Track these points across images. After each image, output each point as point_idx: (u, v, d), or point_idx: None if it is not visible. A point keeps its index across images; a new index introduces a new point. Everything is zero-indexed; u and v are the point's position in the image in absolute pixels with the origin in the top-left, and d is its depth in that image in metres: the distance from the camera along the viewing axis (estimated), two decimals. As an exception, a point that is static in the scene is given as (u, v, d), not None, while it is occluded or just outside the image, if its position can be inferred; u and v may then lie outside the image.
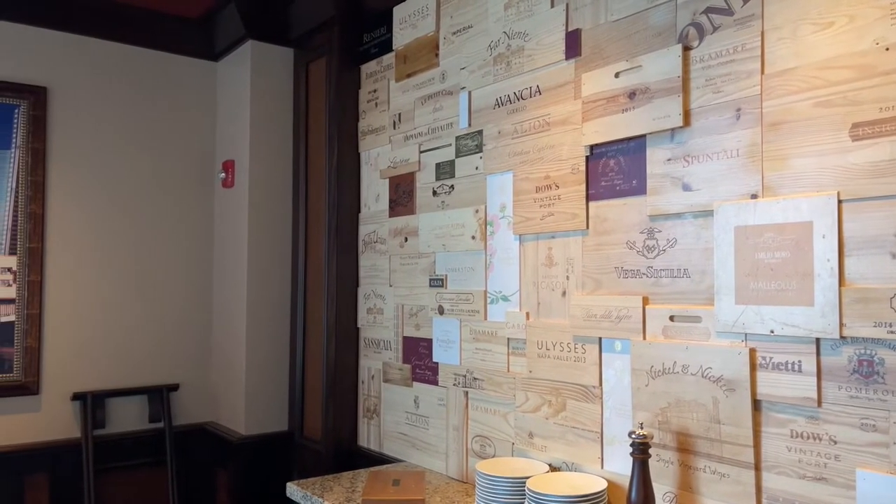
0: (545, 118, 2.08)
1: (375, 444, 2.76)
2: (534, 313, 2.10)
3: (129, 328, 3.15)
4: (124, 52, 3.16)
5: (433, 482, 2.32)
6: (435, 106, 2.52)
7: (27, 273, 2.88)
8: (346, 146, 2.90)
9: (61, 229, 2.99)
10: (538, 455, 2.07)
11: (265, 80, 3.14)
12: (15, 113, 2.88)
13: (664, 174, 1.75)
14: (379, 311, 2.76)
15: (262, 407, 3.09)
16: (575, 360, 1.96)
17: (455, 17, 2.44)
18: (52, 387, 2.95)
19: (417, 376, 2.56)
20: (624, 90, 1.84)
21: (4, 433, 2.83)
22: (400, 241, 2.67)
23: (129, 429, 3.11)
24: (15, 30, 2.90)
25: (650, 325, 1.76)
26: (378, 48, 2.82)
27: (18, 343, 2.86)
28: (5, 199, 2.85)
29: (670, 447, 1.71)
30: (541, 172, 2.08)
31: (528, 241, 2.13)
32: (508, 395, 2.17)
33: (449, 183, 2.45)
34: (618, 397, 1.85)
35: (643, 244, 1.80)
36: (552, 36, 2.06)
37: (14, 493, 2.82)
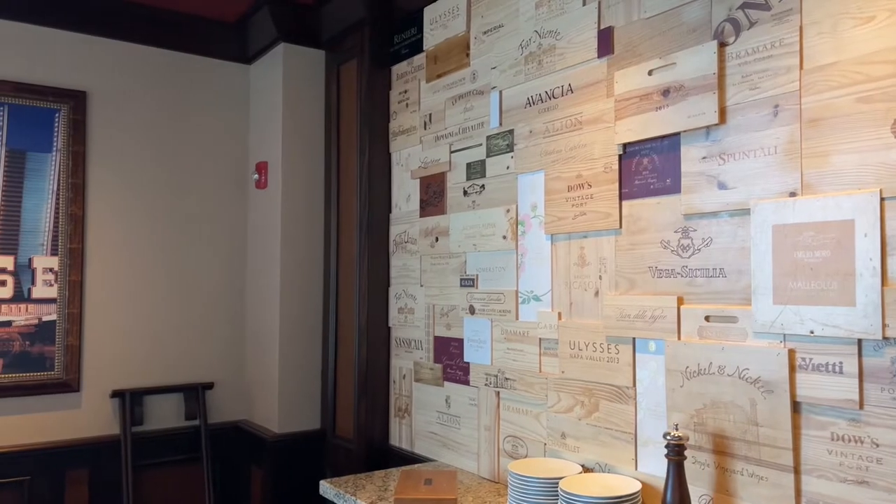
0: (577, 117, 2.06)
1: (407, 444, 2.78)
2: (566, 313, 2.09)
3: (166, 327, 3.21)
4: (161, 56, 3.23)
5: (465, 482, 2.32)
6: (465, 106, 2.52)
7: (68, 273, 2.95)
8: (377, 147, 2.92)
9: (100, 230, 3.06)
10: (571, 456, 2.06)
11: (297, 82, 3.18)
12: (56, 117, 2.95)
13: (699, 172, 1.73)
14: (410, 310, 2.77)
15: (295, 405, 3.12)
16: (608, 361, 1.94)
17: (486, 16, 2.44)
18: (93, 384, 3.02)
19: (449, 376, 2.57)
20: (657, 88, 1.82)
21: (47, 429, 2.91)
22: (431, 241, 2.68)
23: (166, 426, 3.17)
24: (56, 36, 2.98)
25: (685, 326, 1.74)
26: (409, 49, 2.84)
27: (60, 341, 2.93)
28: (47, 201, 2.93)
29: (706, 449, 1.69)
30: (573, 171, 2.07)
31: (559, 240, 2.12)
32: (540, 395, 2.17)
33: (480, 183, 2.45)
34: (652, 398, 1.83)
35: (678, 243, 1.78)
36: (584, 34, 2.05)
37: (56, 487, 2.89)
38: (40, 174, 2.91)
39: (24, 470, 2.83)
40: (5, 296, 2.83)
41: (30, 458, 2.84)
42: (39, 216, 2.91)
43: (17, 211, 2.86)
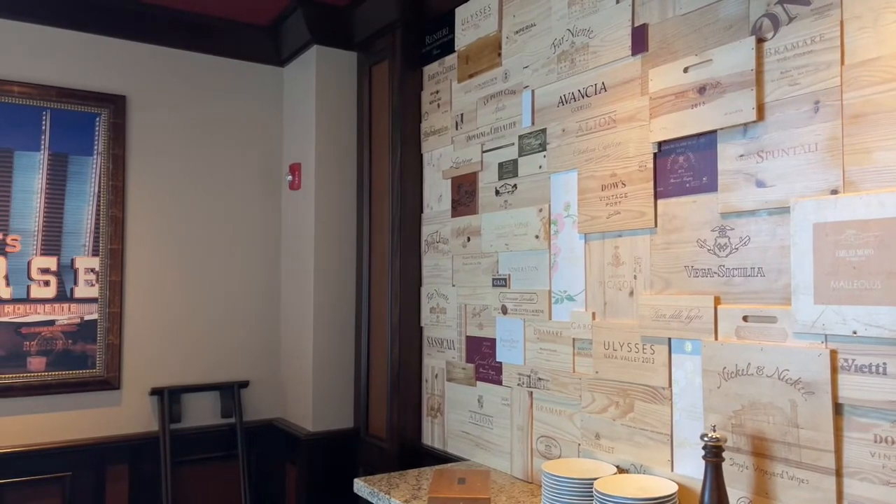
0: (611, 115, 2.05)
1: (439, 443, 2.78)
2: (600, 313, 2.08)
3: (203, 326, 3.27)
4: (197, 60, 3.29)
5: (498, 482, 2.32)
6: (497, 105, 2.52)
7: (109, 273, 3.02)
8: (409, 147, 2.93)
9: (139, 231, 3.12)
10: (605, 456, 2.04)
11: (330, 83, 3.21)
12: (97, 121, 3.03)
13: (736, 170, 1.71)
14: (442, 310, 2.78)
15: (329, 404, 3.15)
16: (643, 361, 1.93)
17: (518, 15, 2.44)
18: (132, 382, 3.09)
19: (481, 376, 2.57)
20: (693, 85, 1.80)
21: (89, 426, 2.98)
22: (462, 240, 2.68)
23: (203, 423, 3.22)
24: (96, 41, 3.05)
25: (722, 326, 1.72)
26: (440, 49, 2.84)
27: (101, 340, 3.01)
28: (89, 203, 3.00)
29: (744, 451, 1.66)
30: (607, 170, 2.06)
31: (593, 239, 2.11)
32: (574, 395, 2.16)
33: (512, 182, 2.44)
34: (688, 399, 1.81)
35: (714, 242, 1.76)
36: (618, 32, 2.03)
37: (97, 483, 2.97)
38: (82, 177, 2.99)
39: (67, 466, 2.90)
40: (49, 295, 2.91)
41: (72, 454, 2.91)
42: (81, 218, 2.98)
43: (60, 213, 2.94)
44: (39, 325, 2.89)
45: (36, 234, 2.89)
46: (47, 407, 2.90)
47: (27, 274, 2.87)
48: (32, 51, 2.92)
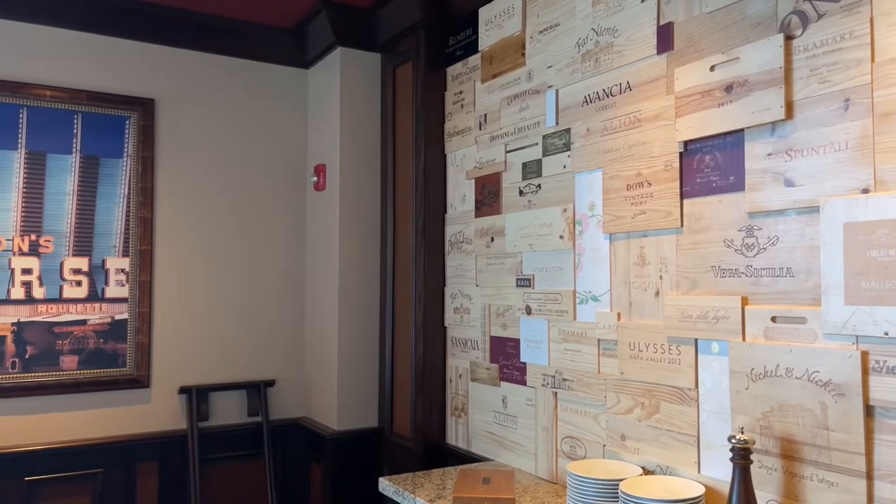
0: (636, 114, 2.04)
1: (464, 443, 2.79)
2: (625, 314, 2.07)
3: (229, 326, 3.31)
4: (223, 63, 3.33)
5: (522, 482, 2.32)
6: (521, 105, 2.52)
7: (138, 273, 3.08)
8: (433, 148, 2.94)
9: (168, 232, 3.18)
10: (631, 458, 2.03)
11: (354, 85, 3.23)
12: (126, 124, 3.08)
13: (764, 169, 1.69)
14: (466, 310, 2.79)
15: (353, 403, 3.17)
16: (669, 362, 1.91)
17: (541, 15, 2.43)
18: (161, 380, 3.14)
19: (505, 376, 2.57)
20: (720, 84, 1.78)
21: (119, 423, 3.04)
22: (486, 241, 2.68)
23: (230, 422, 3.27)
24: (125, 46, 3.11)
25: (750, 327, 1.70)
26: (464, 50, 2.85)
27: (131, 339, 3.06)
28: (119, 204, 3.06)
29: (773, 453, 1.64)
30: (632, 170, 2.05)
31: (618, 239, 2.10)
32: (599, 396, 2.15)
33: (536, 182, 2.44)
34: (715, 400, 1.80)
35: (742, 242, 1.74)
36: (643, 31, 2.02)
37: (128, 479, 3.02)
38: (112, 179, 3.04)
39: (98, 462, 2.96)
40: (81, 295, 2.97)
41: (103, 451, 2.97)
42: (112, 219, 3.04)
43: (91, 214, 3.00)
44: (72, 324, 2.95)
45: (68, 236, 2.95)
46: (79, 405, 2.96)
47: (60, 274, 2.94)
48: (64, 55, 2.98)
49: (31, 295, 2.88)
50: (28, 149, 2.88)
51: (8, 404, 2.83)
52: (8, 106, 2.85)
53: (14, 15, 2.87)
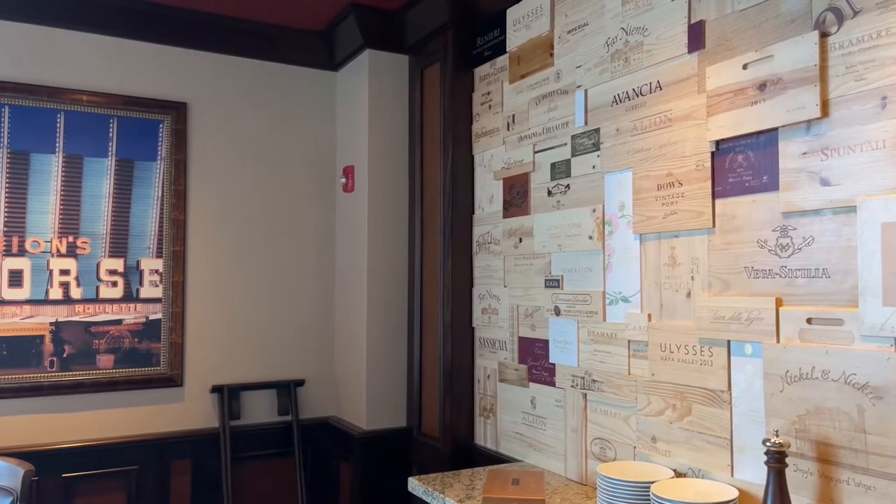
0: (666, 114, 2.02)
1: (492, 443, 2.79)
2: (656, 315, 2.05)
3: (260, 325, 3.35)
4: (254, 66, 3.38)
5: (552, 483, 2.31)
6: (550, 106, 2.51)
7: (171, 274, 3.14)
8: (460, 149, 2.95)
9: (200, 234, 3.23)
10: (662, 460, 2.02)
11: (382, 86, 3.25)
12: (160, 127, 3.14)
13: (799, 169, 1.66)
14: (494, 311, 2.79)
15: (382, 403, 3.19)
16: (701, 364, 1.90)
17: (570, 15, 2.42)
18: (194, 379, 3.19)
19: (534, 377, 2.56)
20: (753, 82, 1.76)
21: (154, 421, 3.10)
22: (514, 241, 2.68)
23: (261, 421, 3.31)
24: (158, 51, 3.17)
25: (784, 328, 1.68)
26: (491, 51, 2.85)
27: (165, 339, 3.12)
28: (153, 206, 3.12)
29: (809, 457, 1.62)
30: (662, 170, 2.03)
31: (649, 240, 2.09)
32: (629, 397, 2.13)
33: (564, 182, 2.43)
34: (749, 403, 1.77)
35: (776, 242, 1.72)
36: (673, 29, 2.01)
37: (162, 476, 3.08)
38: (146, 182, 3.10)
39: (133, 460, 3.02)
40: (116, 296, 3.04)
41: (138, 448, 3.03)
42: (146, 221, 3.10)
43: (127, 216, 3.06)
44: (108, 324, 3.02)
45: (104, 237, 3.02)
46: (115, 403, 3.03)
47: (96, 275, 3.00)
48: (100, 61, 3.05)
49: (68, 295, 2.95)
50: (65, 152, 2.95)
51: (46, 402, 2.90)
52: (46, 111, 2.92)
53: (52, 21, 2.94)
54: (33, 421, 2.88)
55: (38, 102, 2.90)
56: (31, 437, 2.86)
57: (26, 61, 2.91)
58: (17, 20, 2.89)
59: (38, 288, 2.90)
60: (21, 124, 2.88)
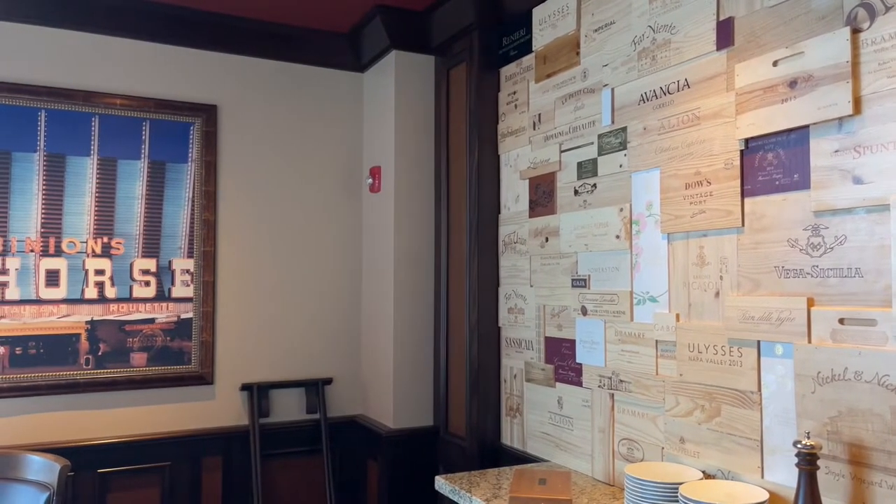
0: (694, 112, 2.00)
1: (519, 443, 2.79)
2: (684, 315, 2.04)
3: (289, 324, 3.40)
4: (281, 68, 3.42)
5: (579, 483, 2.31)
6: (576, 105, 2.50)
7: (202, 274, 3.19)
8: (486, 148, 2.95)
9: (230, 234, 3.28)
10: (690, 461, 2.00)
11: (408, 87, 3.27)
12: (191, 130, 3.20)
13: (831, 167, 1.64)
14: (520, 311, 2.79)
15: (409, 402, 3.21)
16: (730, 364, 1.88)
17: (596, 14, 2.41)
18: (224, 378, 3.25)
19: (560, 377, 2.56)
20: (783, 79, 1.73)
21: (186, 418, 3.16)
22: (540, 241, 2.68)
23: (290, 419, 3.35)
24: (189, 55, 3.23)
25: (816, 328, 1.65)
26: (517, 50, 2.85)
27: (196, 337, 3.18)
28: (184, 207, 3.18)
29: (841, 459, 1.60)
30: (690, 168, 2.01)
31: (677, 239, 2.07)
32: (657, 398, 2.12)
33: (591, 182, 2.42)
34: (779, 404, 1.75)
35: (807, 242, 1.70)
36: (702, 27, 1.99)
37: (193, 472, 3.14)
38: (178, 183, 3.16)
39: (166, 456, 3.08)
40: (149, 295, 3.10)
41: (170, 445, 3.09)
42: (177, 222, 3.16)
43: (159, 217, 3.12)
44: (141, 322, 3.08)
45: (137, 238, 3.08)
46: (148, 400, 3.09)
47: (130, 275, 3.07)
48: (133, 65, 3.11)
49: (103, 295, 3.02)
50: (100, 155, 3.02)
51: (82, 399, 2.97)
52: (81, 114, 2.99)
53: (86, 27, 3.01)
54: (69, 417, 2.95)
55: (73, 106, 2.98)
56: (67, 433, 2.94)
57: (62, 66, 2.98)
58: (52, 26, 2.96)
59: (74, 287, 2.97)
60: (57, 128, 2.95)
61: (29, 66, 2.93)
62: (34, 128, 2.91)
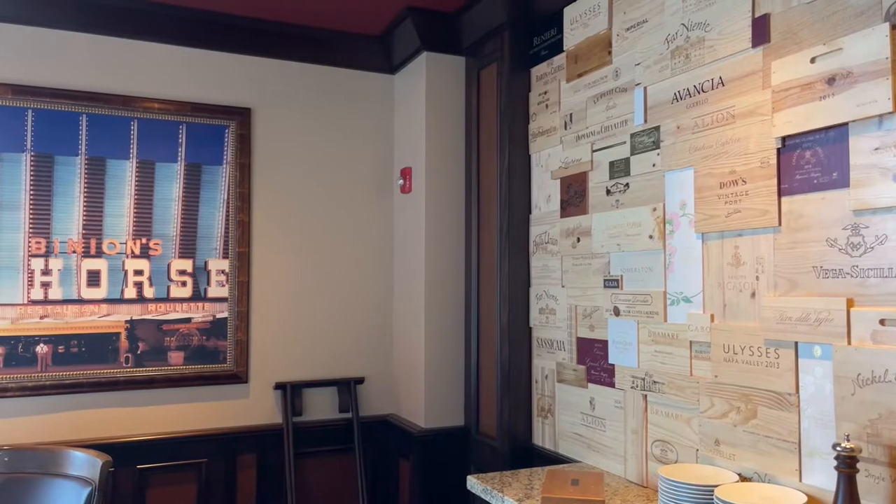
0: (729, 110, 1.98)
1: (550, 444, 2.79)
2: (719, 315, 2.02)
3: (321, 324, 3.43)
4: (314, 71, 3.46)
5: (612, 484, 2.30)
6: (608, 104, 2.49)
7: (237, 274, 3.25)
8: (517, 149, 2.95)
9: (263, 235, 3.33)
10: (726, 463, 1.98)
11: (439, 88, 3.28)
12: (225, 133, 3.26)
13: (871, 165, 1.61)
14: (551, 311, 2.78)
15: (440, 402, 3.23)
16: (766, 366, 1.85)
17: (629, 12, 2.40)
18: (258, 376, 3.30)
19: (592, 377, 2.55)
20: (821, 76, 1.71)
21: (221, 416, 3.21)
22: (572, 241, 2.67)
23: (322, 417, 3.39)
24: (223, 59, 3.28)
25: (856, 329, 1.62)
26: (548, 50, 2.84)
27: (231, 337, 3.23)
28: (219, 209, 3.24)
29: (881, 462, 1.56)
30: (725, 167, 1.99)
31: (711, 239, 2.05)
32: (691, 399, 2.10)
33: (623, 181, 2.41)
34: (818, 406, 1.72)
35: (846, 241, 1.67)
36: (737, 24, 1.97)
37: (229, 470, 3.19)
38: (213, 185, 3.22)
39: (202, 453, 3.14)
40: (186, 295, 3.16)
41: (206, 442, 3.15)
42: (213, 223, 3.22)
43: (195, 219, 3.19)
44: (178, 322, 3.15)
45: (174, 239, 3.15)
46: (185, 398, 3.15)
47: (167, 275, 3.14)
48: (170, 70, 3.18)
49: (142, 294, 3.09)
50: (139, 158, 3.10)
51: (122, 397, 3.05)
52: (121, 119, 3.07)
53: (125, 33, 3.09)
54: (110, 414, 3.03)
55: (113, 111, 3.05)
56: (107, 429, 3.01)
57: (102, 72, 3.06)
58: (92, 32, 3.04)
59: (115, 287, 3.05)
60: (98, 132, 3.03)
61: (70, 72, 3.01)
62: (76, 132, 2.99)
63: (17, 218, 2.90)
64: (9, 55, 2.92)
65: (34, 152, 2.93)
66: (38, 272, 2.93)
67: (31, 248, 2.92)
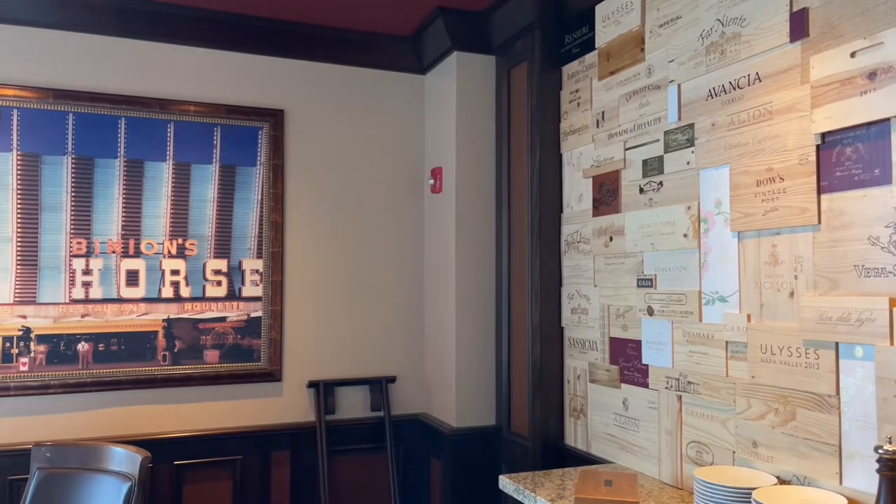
0: (766, 107, 1.95)
1: (583, 444, 2.77)
2: (756, 315, 1.98)
3: (353, 323, 3.46)
4: (345, 72, 3.49)
5: (645, 486, 2.28)
6: (641, 102, 2.47)
7: (271, 274, 3.29)
8: (548, 148, 2.94)
9: (296, 235, 3.37)
10: (763, 466, 1.94)
11: (469, 88, 3.28)
12: (259, 134, 3.30)
13: (915, 161, 1.57)
14: (583, 311, 2.76)
15: (471, 401, 3.23)
16: (805, 367, 1.82)
17: (662, 9, 2.37)
18: (292, 375, 3.34)
19: (626, 378, 2.52)
20: (862, 71, 1.67)
21: (255, 414, 3.26)
22: (604, 240, 2.65)
23: (355, 416, 3.42)
24: (257, 61, 3.33)
25: (899, 330, 1.58)
26: (580, 48, 2.83)
27: (265, 335, 3.28)
28: (253, 209, 3.28)
29: (927, 467, 1.52)
30: (762, 165, 1.96)
31: (748, 238, 2.01)
32: (727, 400, 2.07)
33: (657, 180, 2.38)
34: (859, 408, 1.69)
35: (889, 239, 1.63)
36: (774, 18, 1.93)
37: (263, 466, 3.24)
38: (247, 186, 3.27)
39: (237, 450, 3.19)
40: (221, 294, 3.22)
41: (241, 439, 3.20)
42: (247, 223, 3.27)
43: (229, 219, 3.24)
44: (213, 321, 3.20)
45: (210, 239, 3.20)
46: (220, 396, 3.21)
47: (203, 275, 3.19)
48: (205, 73, 3.23)
49: (178, 294, 3.15)
50: (175, 160, 3.16)
51: (160, 394, 3.11)
52: (158, 121, 3.13)
53: (161, 37, 3.15)
54: (148, 411, 3.09)
55: (150, 114, 3.12)
56: (146, 426, 3.08)
57: (139, 75, 3.13)
58: (131, 37, 3.11)
59: (152, 287, 3.11)
60: (136, 134, 3.09)
61: (109, 77, 3.08)
62: (115, 135, 3.06)
63: (58, 219, 2.98)
64: (50, 61, 3.00)
65: (75, 155, 3.01)
66: (80, 272, 3.01)
67: (73, 248, 3.00)
